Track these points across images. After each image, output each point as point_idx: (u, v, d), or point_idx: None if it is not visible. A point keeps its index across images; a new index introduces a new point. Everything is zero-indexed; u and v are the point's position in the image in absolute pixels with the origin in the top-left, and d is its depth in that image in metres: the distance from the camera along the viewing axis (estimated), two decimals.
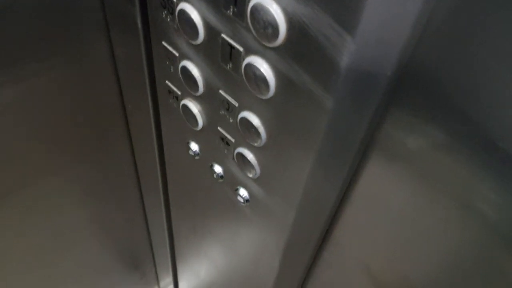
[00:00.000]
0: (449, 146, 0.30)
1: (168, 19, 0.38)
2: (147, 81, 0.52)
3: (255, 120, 0.36)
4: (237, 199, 0.46)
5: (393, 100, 0.31)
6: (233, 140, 0.41)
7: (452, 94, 0.27)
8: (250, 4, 0.29)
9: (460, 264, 0.35)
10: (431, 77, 0.28)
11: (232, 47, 0.33)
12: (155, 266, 1.07)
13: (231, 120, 0.39)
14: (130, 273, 1.07)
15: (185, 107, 0.44)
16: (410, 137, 0.32)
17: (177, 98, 0.45)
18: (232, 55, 0.34)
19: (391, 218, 0.39)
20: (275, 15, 0.28)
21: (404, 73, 0.29)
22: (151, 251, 1.01)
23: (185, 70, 0.40)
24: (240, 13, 0.30)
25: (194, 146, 0.48)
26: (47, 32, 0.49)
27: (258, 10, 0.28)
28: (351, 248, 0.45)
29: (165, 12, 0.37)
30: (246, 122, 0.37)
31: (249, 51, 0.32)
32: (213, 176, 0.48)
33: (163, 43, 0.41)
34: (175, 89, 0.44)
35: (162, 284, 1.15)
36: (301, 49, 0.28)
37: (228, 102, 0.38)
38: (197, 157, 0.49)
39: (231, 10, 0.31)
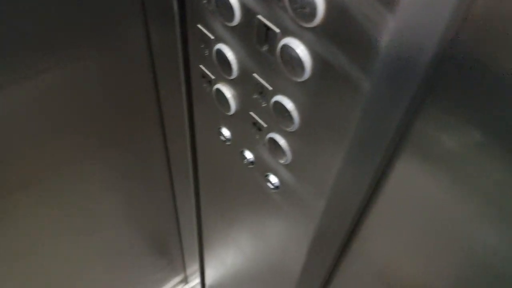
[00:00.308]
0: (486, 145, 0.29)
1: (204, 1, 0.38)
2: (181, 65, 0.53)
3: (288, 104, 0.36)
4: (267, 186, 0.46)
5: (430, 91, 0.30)
6: (265, 125, 0.41)
7: (491, 88, 0.26)
8: None
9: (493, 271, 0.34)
10: (472, 68, 0.26)
11: (268, 28, 0.33)
12: (182, 252, 1.08)
13: (264, 105, 0.39)
14: (157, 259, 1.09)
15: (218, 91, 0.44)
16: (444, 134, 0.31)
17: (211, 83, 0.45)
18: (267, 37, 0.33)
19: (421, 213, 0.38)
20: None
21: (443, 60, 0.28)
22: (179, 238, 1.02)
23: (219, 53, 0.40)
24: None
25: (225, 132, 0.48)
26: (84, 17, 0.50)
27: None
28: (380, 241, 0.45)
29: None
30: (279, 106, 0.37)
31: (285, 32, 0.32)
32: (243, 162, 0.48)
33: (199, 26, 0.41)
34: (208, 73, 0.44)
35: (188, 271, 1.17)
36: (339, 29, 0.28)
37: (261, 86, 0.38)
38: (228, 143, 0.49)
39: None
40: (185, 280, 1.22)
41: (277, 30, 0.32)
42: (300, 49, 0.31)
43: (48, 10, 0.46)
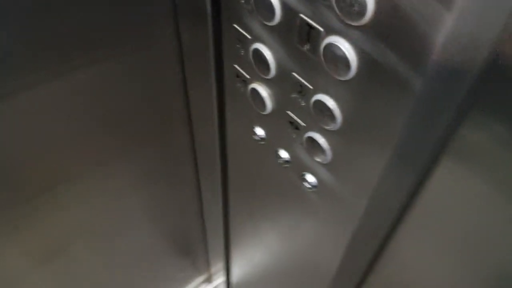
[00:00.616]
0: None
1: (243, 1, 0.38)
2: (212, 65, 0.52)
3: (330, 103, 0.35)
4: (303, 185, 0.46)
5: (481, 94, 0.29)
6: (303, 124, 0.41)
7: None
8: None
9: None
10: None
11: (311, 27, 0.32)
12: (207, 251, 1.08)
13: (302, 104, 0.39)
14: (181, 259, 1.09)
15: (254, 90, 0.43)
16: (490, 141, 0.30)
17: (245, 82, 0.45)
18: (310, 36, 0.33)
19: (461, 220, 0.37)
20: None
21: (497, 61, 0.27)
22: (204, 237, 1.02)
23: (257, 52, 0.39)
24: None
25: (259, 131, 0.48)
26: (116, 17, 0.50)
27: None
28: (417, 246, 0.44)
29: None
30: (320, 104, 0.36)
31: (329, 31, 0.31)
32: (278, 161, 0.48)
33: (235, 25, 0.41)
34: (243, 72, 0.44)
35: (213, 269, 1.17)
36: (389, 26, 0.27)
37: (301, 85, 0.37)
38: (262, 142, 0.49)
39: None
40: (209, 279, 1.22)
41: (321, 29, 0.32)
42: (346, 48, 0.31)
43: (81, 9, 0.47)
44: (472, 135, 0.31)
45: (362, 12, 0.28)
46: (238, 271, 0.96)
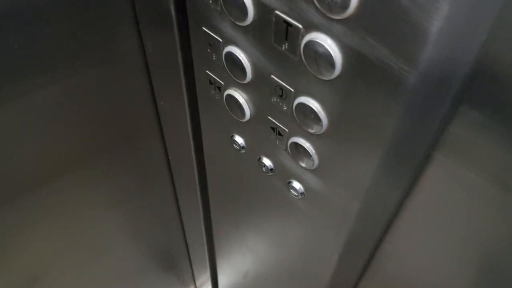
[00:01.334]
0: None
1: (210, 1, 0.35)
2: (181, 73, 0.49)
3: (314, 105, 0.33)
4: (290, 193, 0.43)
5: (473, 88, 0.27)
6: (286, 130, 0.38)
7: None
8: None
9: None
10: None
11: (288, 24, 0.30)
12: (191, 265, 1.05)
13: (284, 108, 0.36)
14: (166, 274, 1.06)
15: (230, 97, 0.40)
16: (482, 138, 0.29)
17: (220, 89, 0.42)
18: (288, 34, 0.30)
19: (456, 219, 0.35)
20: None
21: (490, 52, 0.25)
22: (186, 250, 0.99)
23: (230, 56, 0.36)
24: None
25: (239, 139, 0.45)
26: (76, 31, 0.47)
27: None
28: (412, 247, 0.42)
29: None
30: (303, 108, 0.34)
31: (309, 28, 0.29)
32: (261, 169, 0.45)
33: (204, 28, 0.38)
34: (217, 78, 0.41)
35: (198, 282, 1.14)
36: (376, 17, 0.25)
37: (281, 88, 0.35)
38: (242, 151, 0.46)
39: None
40: None
41: (300, 26, 0.29)
42: (328, 44, 0.28)
43: (37, 24, 0.43)
44: (465, 131, 0.30)
45: (345, 3, 0.25)
46: (225, 280, 0.93)
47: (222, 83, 0.41)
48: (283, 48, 0.31)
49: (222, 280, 0.91)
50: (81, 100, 0.54)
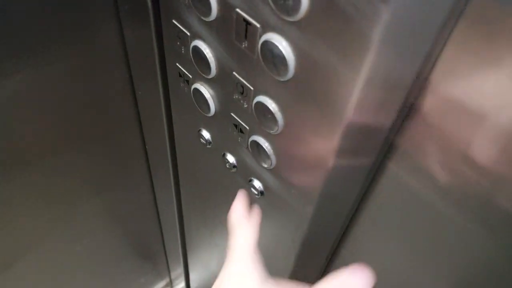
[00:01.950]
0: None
1: None
2: (157, 64, 0.49)
3: (271, 105, 0.33)
4: (251, 191, 0.44)
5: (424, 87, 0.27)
6: (247, 127, 0.38)
7: None
8: None
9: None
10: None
11: (248, 23, 0.30)
12: (166, 256, 1.05)
13: (245, 105, 0.36)
14: (141, 263, 1.06)
15: (197, 91, 0.41)
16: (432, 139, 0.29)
17: (188, 82, 0.42)
18: (247, 32, 0.31)
19: (413, 217, 0.36)
20: None
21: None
22: (162, 242, 0.99)
23: (196, 50, 0.37)
24: None
25: (206, 134, 0.45)
26: (56, 19, 0.47)
27: None
28: (370, 246, 0.42)
29: None
30: (261, 107, 0.34)
31: (266, 28, 0.29)
32: (225, 166, 0.45)
33: (174, 21, 0.38)
34: (185, 71, 0.41)
35: (173, 274, 1.14)
36: (325, 22, 0.25)
37: (242, 85, 0.35)
38: (209, 146, 0.46)
39: None
40: (170, 284, 1.19)
41: (258, 25, 0.29)
42: (283, 46, 0.28)
43: (17, 11, 0.43)
44: (417, 130, 0.30)
45: (296, 6, 0.25)
46: (197, 276, 0.93)
47: (190, 76, 0.41)
48: (243, 46, 0.32)
49: (193, 276, 0.91)
50: (61, 88, 0.54)
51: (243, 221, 0.34)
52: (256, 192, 0.43)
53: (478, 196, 0.29)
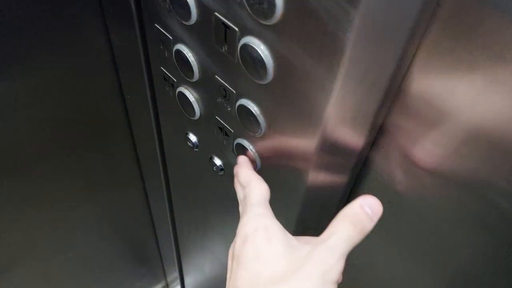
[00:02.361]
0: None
1: (160, 0, 0.35)
2: (144, 68, 0.49)
3: (253, 108, 0.33)
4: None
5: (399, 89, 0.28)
6: (232, 130, 0.38)
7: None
8: None
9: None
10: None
11: (227, 27, 0.30)
12: (161, 260, 1.05)
13: (229, 109, 0.36)
14: (137, 267, 1.06)
15: (181, 94, 0.41)
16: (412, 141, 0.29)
17: (173, 86, 0.42)
18: (227, 36, 0.31)
19: (399, 218, 0.36)
20: None
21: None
22: (157, 246, 0.99)
23: (179, 54, 0.37)
24: None
25: (192, 137, 0.45)
26: (43, 25, 0.47)
27: None
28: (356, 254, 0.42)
29: None
30: (244, 110, 0.34)
31: (245, 31, 0.29)
32: (213, 169, 0.45)
33: (156, 25, 0.38)
34: (170, 75, 0.41)
35: (169, 278, 1.14)
36: (300, 26, 0.25)
37: (225, 89, 0.35)
38: (196, 149, 0.46)
39: None
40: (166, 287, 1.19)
41: (236, 29, 0.29)
42: (261, 49, 0.28)
43: (5, 20, 0.43)
44: (396, 129, 0.30)
45: (271, 10, 0.25)
46: (191, 279, 0.93)
47: (175, 80, 0.41)
48: (223, 49, 0.32)
49: (188, 279, 0.91)
50: (50, 94, 0.54)
51: (256, 175, 0.33)
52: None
53: (442, 202, 0.29)
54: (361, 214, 0.27)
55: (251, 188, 0.32)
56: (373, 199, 0.27)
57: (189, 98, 0.40)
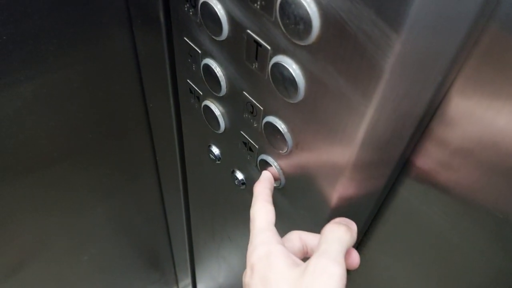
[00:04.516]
0: None
1: (191, 13, 0.35)
2: (169, 79, 0.49)
3: (281, 126, 0.33)
4: None
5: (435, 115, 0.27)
6: (256, 146, 0.38)
7: None
8: None
9: None
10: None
11: (259, 44, 0.30)
12: (174, 267, 1.05)
13: (255, 125, 0.36)
14: (149, 273, 1.06)
15: (207, 108, 0.41)
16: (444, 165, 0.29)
17: (199, 99, 0.42)
18: (258, 54, 0.30)
19: (417, 252, 0.35)
20: (308, 9, 0.24)
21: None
22: (170, 252, 0.99)
23: (207, 68, 0.37)
24: (269, 6, 0.27)
25: (215, 150, 0.45)
26: (69, 27, 0.47)
27: (288, 3, 0.25)
28: (379, 266, 0.42)
29: (187, 5, 0.34)
30: (271, 127, 0.34)
31: (277, 50, 0.29)
32: (234, 182, 0.45)
33: (185, 38, 0.38)
34: (196, 88, 0.41)
35: (181, 285, 1.13)
36: (336, 48, 0.25)
37: (252, 105, 0.35)
38: (218, 162, 0.46)
39: (259, 3, 0.28)
40: None
41: (268, 47, 0.29)
42: (293, 69, 0.28)
43: (32, 19, 0.44)
44: (429, 157, 0.29)
45: (307, 30, 0.25)
46: (204, 287, 0.93)
47: (201, 93, 0.41)
48: (254, 66, 0.32)
49: (200, 286, 0.91)
50: (70, 97, 0.54)
51: (263, 196, 0.34)
52: None
53: (486, 225, 0.28)
54: (339, 219, 0.30)
55: (255, 211, 0.33)
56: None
57: (215, 112, 0.40)
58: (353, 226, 0.30)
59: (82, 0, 0.46)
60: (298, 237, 0.33)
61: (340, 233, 0.28)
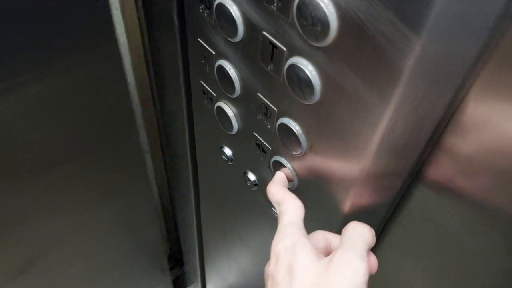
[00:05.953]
0: None
1: (205, 14, 0.35)
2: (181, 79, 0.50)
3: (295, 128, 0.33)
4: (272, 210, 0.43)
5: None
6: (270, 148, 0.38)
7: None
8: None
9: None
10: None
11: (274, 46, 0.30)
12: (184, 268, 1.05)
13: (268, 126, 0.36)
14: (157, 273, 1.06)
15: (220, 109, 0.41)
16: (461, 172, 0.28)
17: (212, 100, 0.42)
18: (273, 55, 0.30)
19: (432, 257, 0.35)
20: (326, 11, 0.24)
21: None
22: (180, 253, 0.99)
23: (221, 69, 0.37)
24: (285, 8, 0.27)
25: (227, 151, 0.45)
26: (79, 29, 0.48)
27: (306, 5, 0.25)
28: (393, 270, 0.41)
29: (202, 6, 0.34)
30: (285, 129, 0.33)
31: (293, 51, 0.29)
32: (246, 183, 0.45)
33: (199, 40, 0.38)
34: (209, 89, 0.41)
35: (191, 285, 1.14)
36: (353, 49, 0.24)
37: (266, 107, 0.35)
38: (230, 163, 0.46)
39: (275, 4, 0.28)
40: None
41: (284, 49, 0.29)
42: (309, 70, 0.28)
43: (44, 23, 0.44)
44: (445, 161, 0.29)
45: (325, 32, 0.25)
46: None
47: (214, 94, 0.41)
48: (269, 68, 0.32)
49: (210, 287, 0.91)
50: (81, 100, 0.55)
51: (289, 193, 0.34)
52: (276, 213, 0.42)
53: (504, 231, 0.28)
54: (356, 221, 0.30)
55: (286, 206, 0.33)
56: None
57: (228, 113, 0.40)
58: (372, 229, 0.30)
59: (89, 0, 0.46)
60: (323, 236, 0.33)
61: (364, 231, 0.28)
